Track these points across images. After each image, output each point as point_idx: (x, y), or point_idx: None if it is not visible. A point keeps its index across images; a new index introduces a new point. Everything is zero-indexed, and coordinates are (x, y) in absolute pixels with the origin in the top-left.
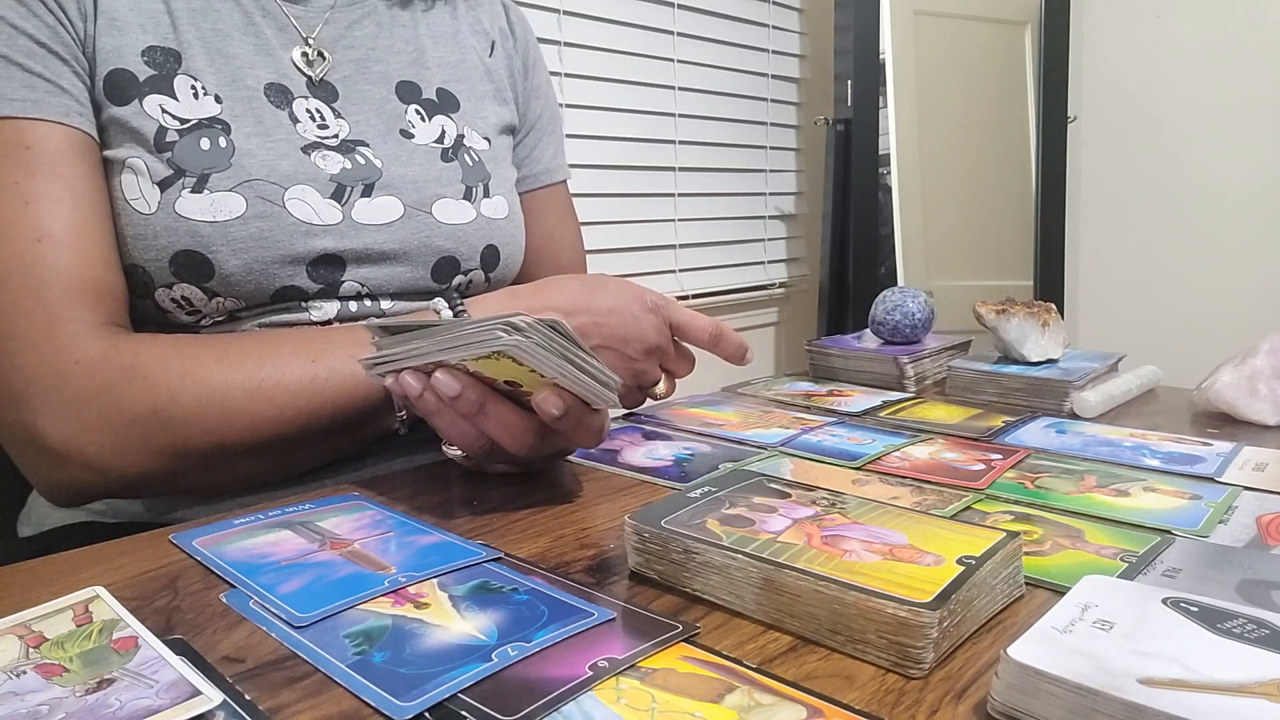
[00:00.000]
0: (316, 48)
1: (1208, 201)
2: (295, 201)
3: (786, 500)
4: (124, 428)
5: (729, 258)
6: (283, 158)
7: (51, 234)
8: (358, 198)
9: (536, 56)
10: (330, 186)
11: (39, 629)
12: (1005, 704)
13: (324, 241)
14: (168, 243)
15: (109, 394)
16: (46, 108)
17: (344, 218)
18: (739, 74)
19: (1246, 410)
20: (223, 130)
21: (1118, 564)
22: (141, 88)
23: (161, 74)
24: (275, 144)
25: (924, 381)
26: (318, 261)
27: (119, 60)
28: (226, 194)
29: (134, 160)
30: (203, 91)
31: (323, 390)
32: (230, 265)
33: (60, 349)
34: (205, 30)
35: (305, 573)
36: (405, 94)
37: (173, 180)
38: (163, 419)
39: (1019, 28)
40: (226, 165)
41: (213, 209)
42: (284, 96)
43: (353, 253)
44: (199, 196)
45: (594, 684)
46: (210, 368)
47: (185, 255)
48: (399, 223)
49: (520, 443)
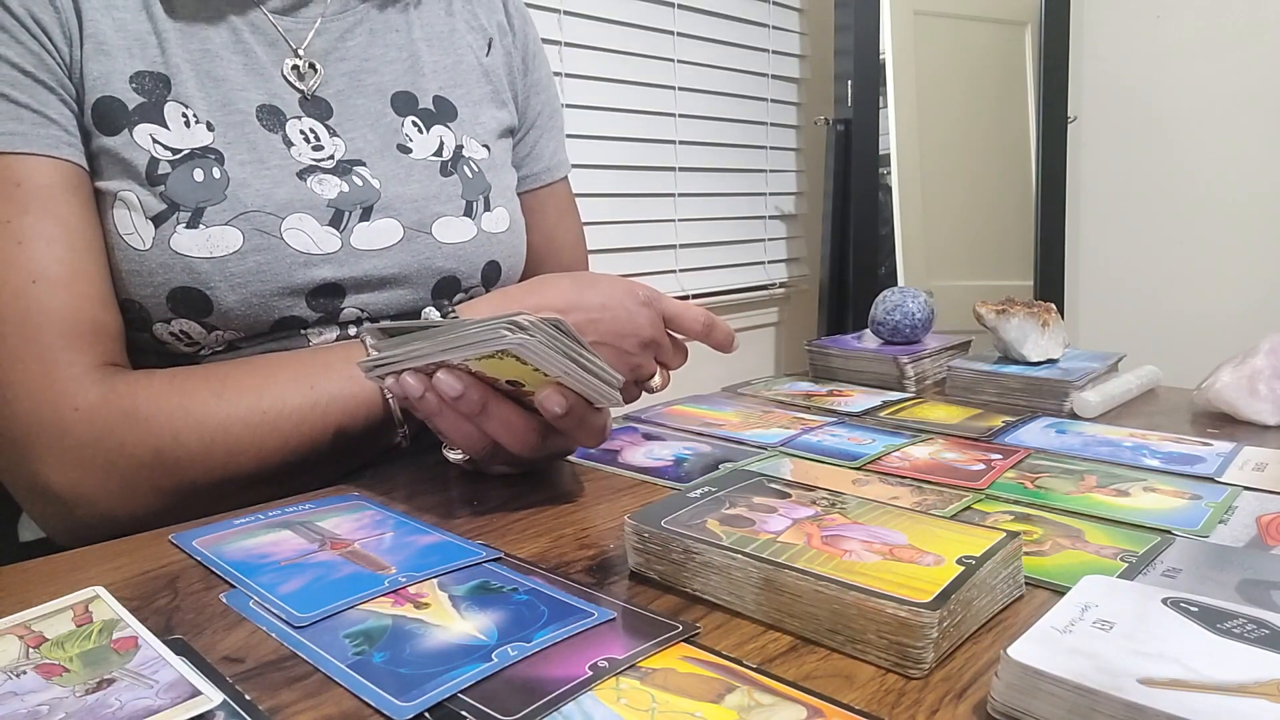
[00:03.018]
0: (308, 59)
1: (1208, 201)
2: (293, 231)
3: (786, 500)
4: (130, 472)
5: (729, 258)
6: (278, 185)
7: (46, 275)
8: (356, 222)
9: (536, 50)
10: (328, 213)
11: (39, 629)
12: (1005, 704)
13: (323, 271)
14: (164, 279)
15: (111, 439)
16: (35, 140)
17: (343, 244)
18: (739, 74)
19: (1246, 410)
20: (216, 160)
21: (1118, 564)
22: (131, 117)
23: (151, 101)
24: (270, 171)
25: (924, 381)
26: (317, 291)
27: (107, 87)
28: (223, 228)
29: (125, 194)
30: (194, 119)
31: (324, 416)
32: (229, 301)
33: (58, 396)
34: (193, 52)
35: (305, 573)
36: (401, 105)
37: (167, 215)
38: (167, 461)
39: (1019, 28)
40: (221, 198)
41: (209, 244)
42: (276, 119)
43: (352, 280)
44: (194, 232)
45: (594, 684)
46: (210, 404)
47: (182, 292)
48: (398, 246)
49: (523, 443)
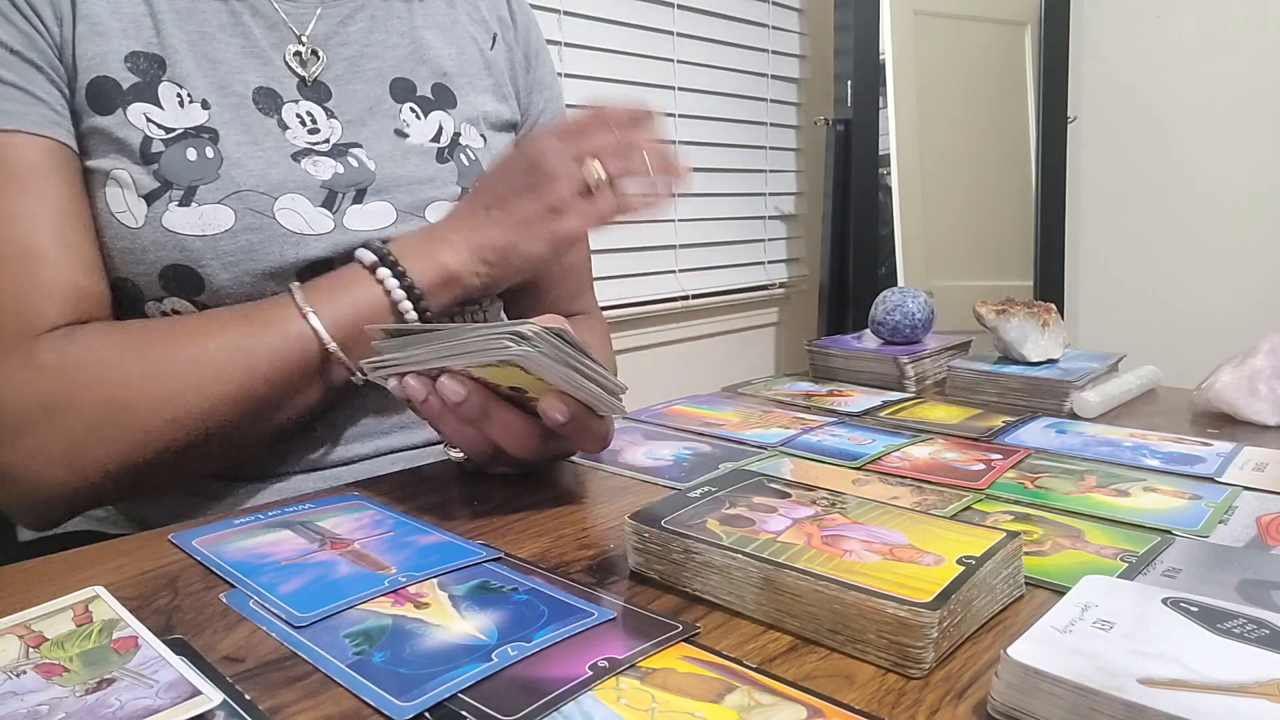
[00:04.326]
0: (310, 46)
1: (1208, 201)
2: (285, 211)
3: (786, 500)
4: (79, 430)
5: (729, 258)
6: (272, 166)
7: (31, 250)
8: (349, 204)
9: (539, 47)
10: (321, 194)
11: (39, 629)
12: (1005, 704)
13: (315, 250)
14: (156, 257)
15: (63, 394)
16: (22, 118)
17: (335, 225)
18: (739, 74)
19: (1246, 410)
20: (210, 139)
21: (1118, 564)
22: (125, 96)
23: (145, 81)
24: (264, 152)
25: (924, 381)
26: (308, 270)
27: (102, 67)
28: (215, 206)
29: (118, 172)
30: (188, 99)
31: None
32: (221, 279)
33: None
34: (191, 33)
35: (305, 572)
36: (400, 91)
37: (159, 193)
38: (118, 407)
39: (1019, 28)
40: (215, 176)
41: (201, 223)
42: (273, 102)
43: (344, 260)
44: (187, 210)
45: (594, 684)
46: (153, 346)
47: (174, 270)
48: (391, 229)
49: (524, 447)
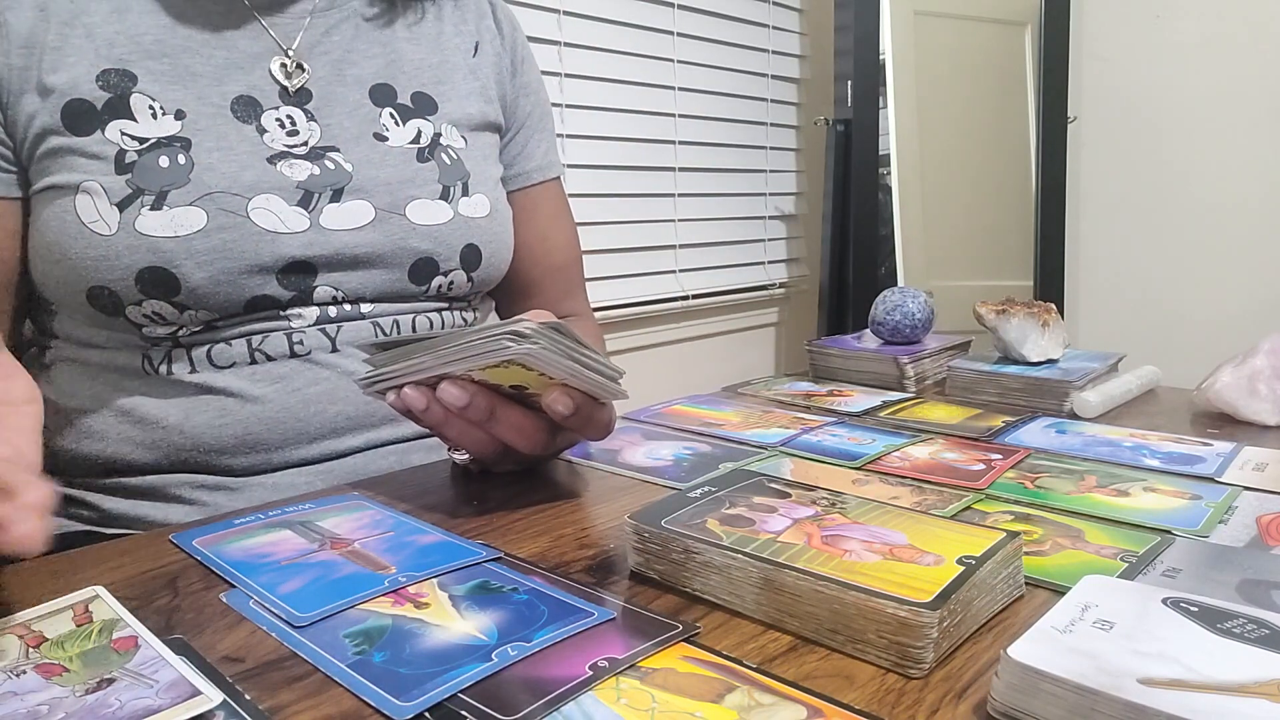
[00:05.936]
0: (296, 59)
1: (1208, 201)
2: (260, 211)
3: (786, 500)
4: None
5: (729, 258)
6: (245, 169)
7: None
8: (326, 203)
9: (525, 54)
10: (297, 194)
11: (39, 629)
12: (1005, 704)
13: (291, 248)
14: (130, 261)
15: None
16: None
17: (311, 224)
18: (739, 74)
19: (1246, 410)
20: (182, 147)
21: (1118, 564)
22: (101, 116)
23: (117, 95)
24: (238, 156)
25: (924, 381)
26: (287, 269)
27: (74, 90)
28: (186, 209)
29: (89, 183)
30: (161, 111)
31: None
32: (196, 278)
33: None
34: (170, 46)
35: (305, 572)
36: (380, 97)
37: (132, 199)
38: None
39: (1019, 28)
40: (185, 180)
41: (173, 224)
42: (252, 109)
43: (323, 259)
44: (158, 213)
45: (594, 684)
46: None
47: (149, 272)
48: (370, 226)
49: (533, 443)
